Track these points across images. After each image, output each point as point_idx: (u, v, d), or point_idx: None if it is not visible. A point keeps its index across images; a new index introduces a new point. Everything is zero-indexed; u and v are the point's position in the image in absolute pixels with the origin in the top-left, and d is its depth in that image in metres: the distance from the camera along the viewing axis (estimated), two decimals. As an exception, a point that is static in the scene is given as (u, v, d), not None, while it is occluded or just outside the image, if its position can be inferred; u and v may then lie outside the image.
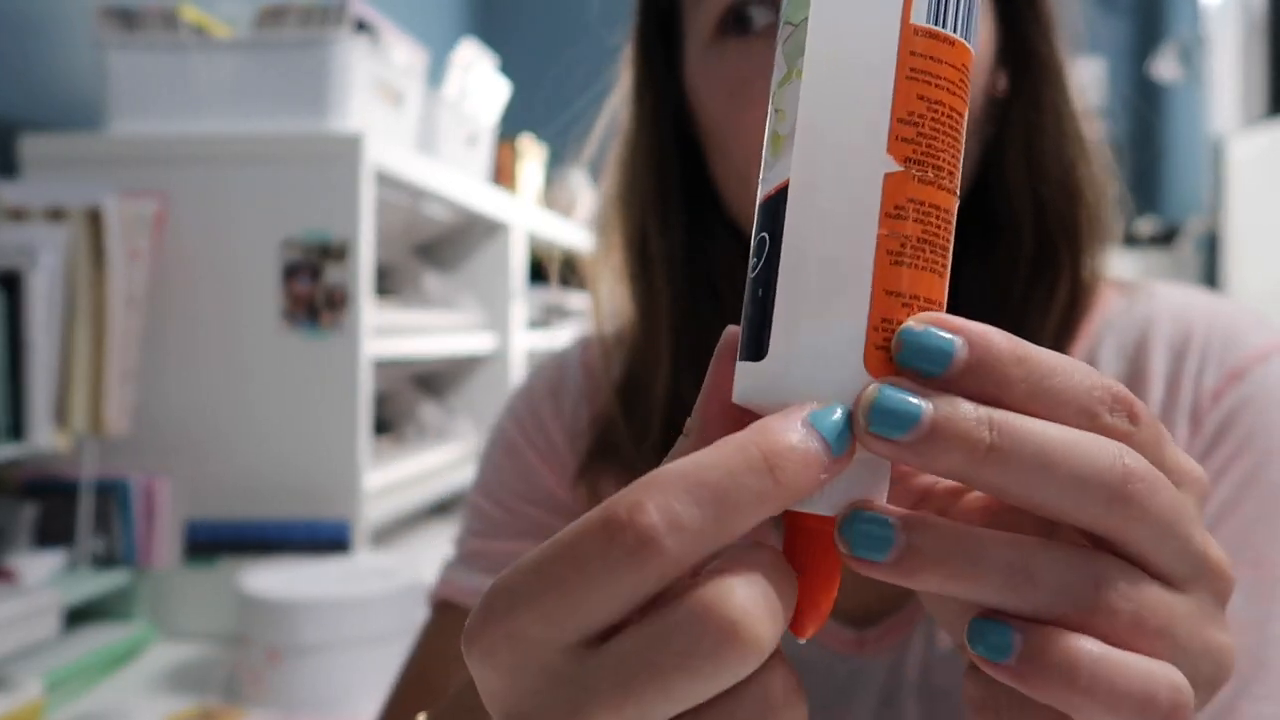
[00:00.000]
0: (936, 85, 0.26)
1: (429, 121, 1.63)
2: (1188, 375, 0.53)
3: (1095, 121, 0.56)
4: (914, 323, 0.26)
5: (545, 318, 2.28)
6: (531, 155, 2.24)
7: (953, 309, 0.35)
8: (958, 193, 0.27)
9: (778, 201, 0.26)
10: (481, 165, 1.86)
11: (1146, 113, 3.27)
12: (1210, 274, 2.93)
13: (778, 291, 0.26)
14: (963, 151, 0.27)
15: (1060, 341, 0.54)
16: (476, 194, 1.73)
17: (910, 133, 0.26)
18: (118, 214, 1.15)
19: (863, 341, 0.25)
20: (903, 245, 0.26)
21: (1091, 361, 0.55)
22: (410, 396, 1.87)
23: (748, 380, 0.26)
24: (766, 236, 0.26)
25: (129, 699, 1.11)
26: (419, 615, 1.19)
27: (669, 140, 0.57)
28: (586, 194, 2.45)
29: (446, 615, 0.62)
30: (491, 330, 1.95)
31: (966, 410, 0.25)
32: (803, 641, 0.28)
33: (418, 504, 1.55)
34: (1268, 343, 0.53)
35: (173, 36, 1.31)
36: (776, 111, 0.27)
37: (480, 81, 1.86)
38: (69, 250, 1.11)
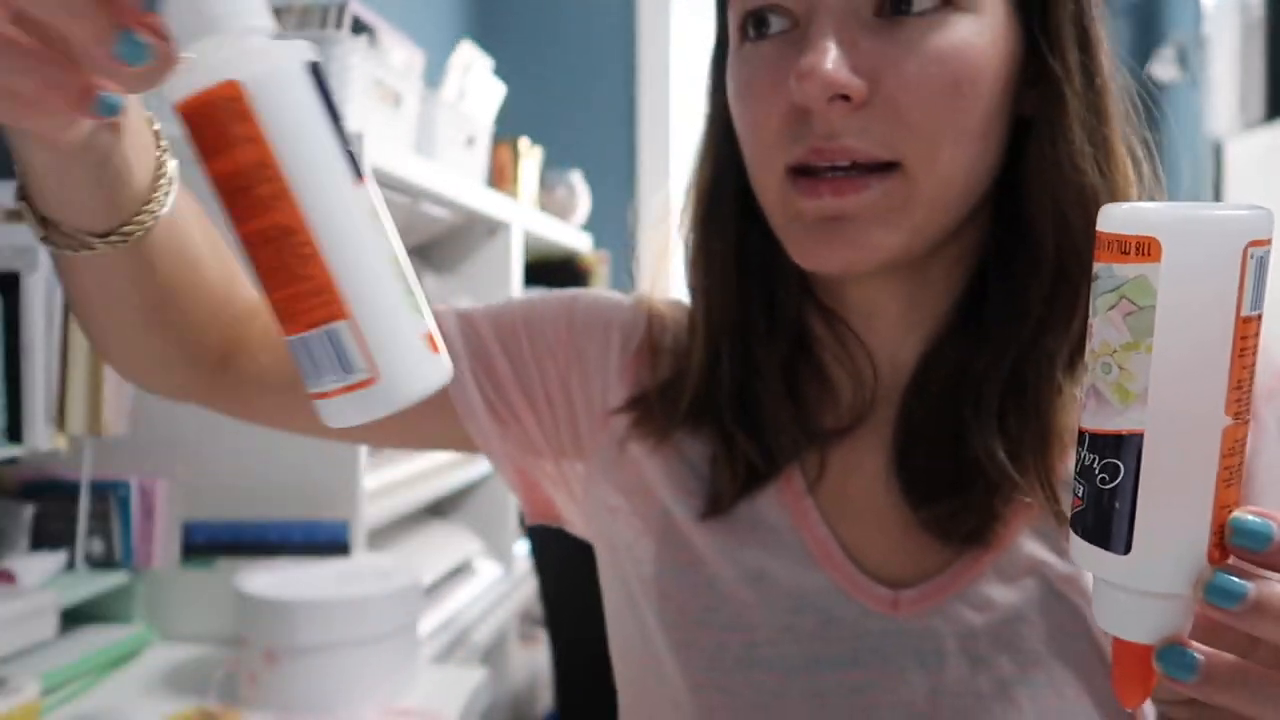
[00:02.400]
0: (1250, 352, 0.35)
1: (427, 123, 1.63)
2: None
3: (1134, 144, 0.59)
4: (1240, 513, 0.36)
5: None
6: (528, 157, 2.24)
7: (976, 321, 0.60)
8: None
9: (1131, 441, 0.36)
10: (479, 166, 1.86)
11: (1145, 114, 3.26)
12: (1209, 275, 2.91)
13: (1138, 508, 0.36)
14: None
15: (1075, 365, 0.58)
16: (474, 195, 1.73)
17: (1237, 394, 0.35)
18: (116, 215, 1.15)
19: (1206, 543, 0.36)
20: (1229, 473, 0.36)
21: None
22: (409, 398, 1.87)
23: (1110, 564, 0.37)
24: (1120, 465, 0.36)
25: (127, 700, 1.11)
26: (417, 616, 1.19)
27: (724, 139, 0.62)
28: (584, 196, 2.45)
29: None
30: (490, 331, 1.94)
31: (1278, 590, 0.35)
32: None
33: (415, 505, 1.55)
34: None
35: (171, 37, 1.31)
36: (1121, 369, 0.36)
37: (478, 83, 1.86)
38: (67, 251, 1.11)
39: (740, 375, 0.63)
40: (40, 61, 0.37)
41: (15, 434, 1.06)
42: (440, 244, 1.95)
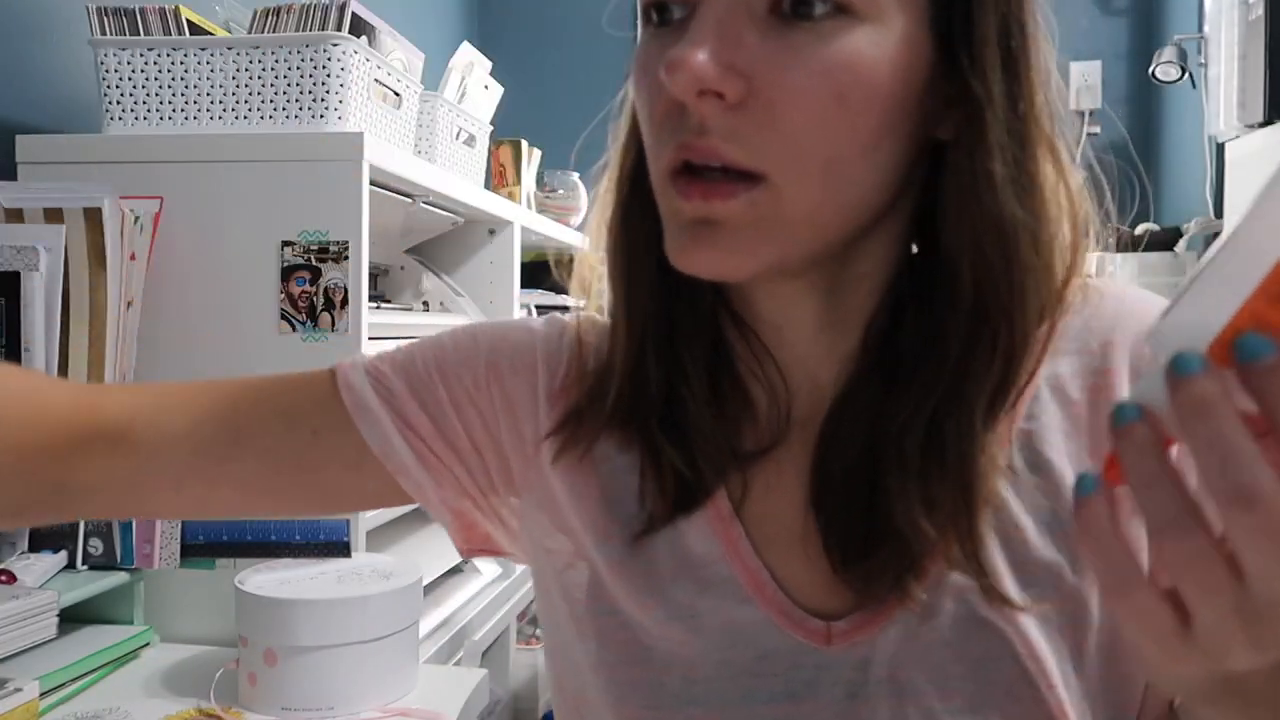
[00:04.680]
0: None
1: (427, 123, 1.63)
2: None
3: (1063, 165, 0.56)
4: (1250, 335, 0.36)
5: (544, 319, 2.27)
6: (527, 157, 2.24)
7: (895, 355, 0.58)
8: None
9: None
10: (478, 167, 1.86)
11: (1146, 115, 3.27)
12: (1208, 275, 2.91)
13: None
14: None
15: (995, 404, 0.56)
16: (474, 195, 1.73)
17: None
18: (116, 215, 1.15)
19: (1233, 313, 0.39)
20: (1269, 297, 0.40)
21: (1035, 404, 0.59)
22: (408, 398, 1.87)
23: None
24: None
25: (127, 700, 1.11)
26: (417, 616, 1.19)
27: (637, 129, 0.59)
28: (581, 196, 2.45)
29: (329, 378, 0.67)
30: (490, 332, 1.94)
31: None
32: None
33: (415, 505, 1.55)
34: None
35: (170, 37, 1.31)
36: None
37: (477, 84, 1.86)
38: (67, 251, 1.11)
39: (666, 376, 0.61)
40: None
41: (15, 434, 1.06)
42: (440, 244, 1.95)
